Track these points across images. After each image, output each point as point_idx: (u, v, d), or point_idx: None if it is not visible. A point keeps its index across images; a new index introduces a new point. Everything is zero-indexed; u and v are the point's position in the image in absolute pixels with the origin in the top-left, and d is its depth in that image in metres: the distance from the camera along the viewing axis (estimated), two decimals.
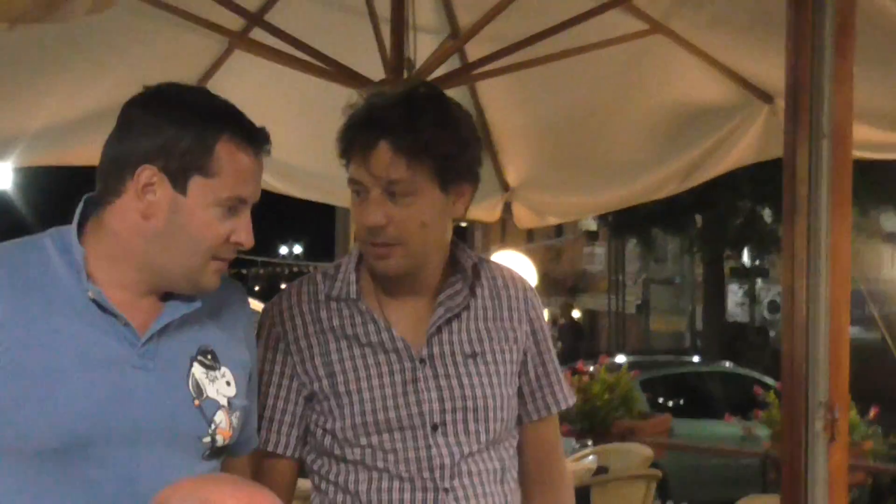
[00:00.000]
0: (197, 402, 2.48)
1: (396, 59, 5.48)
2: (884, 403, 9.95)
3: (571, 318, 37.37)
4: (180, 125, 2.43)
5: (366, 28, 5.58)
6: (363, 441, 2.74)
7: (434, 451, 2.74)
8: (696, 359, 23.38)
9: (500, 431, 2.84)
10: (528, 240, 44.74)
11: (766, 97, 5.79)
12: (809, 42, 3.20)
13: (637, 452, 8.48)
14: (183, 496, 2.04)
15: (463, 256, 2.87)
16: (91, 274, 2.44)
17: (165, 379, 2.45)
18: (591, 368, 9.44)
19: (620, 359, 20.37)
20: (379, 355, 2.76)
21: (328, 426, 2.78)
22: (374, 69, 5.54)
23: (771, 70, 5.47)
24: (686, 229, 27.94)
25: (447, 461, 2.74)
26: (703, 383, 17.81)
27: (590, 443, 9.00)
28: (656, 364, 19.53)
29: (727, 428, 11.82)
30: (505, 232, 34.41)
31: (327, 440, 2.79)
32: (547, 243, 45.23)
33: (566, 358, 16.01)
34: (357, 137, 2.70)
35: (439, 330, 2.80)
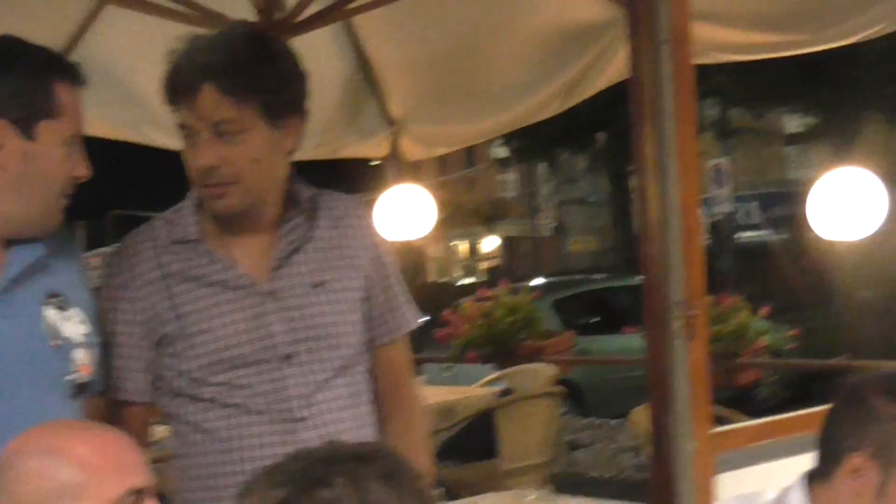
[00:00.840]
0: (54, 343, 2.53)
1: (266, 1, 5.49)
2: (786, 302, 10.15)
3: None
4: (14, 76, 2.48)
5: None
6: (215, 379, 2.78)
7: (287, 381, 2.79)
8: (604, 275, 23.57)
9: (350, 357, 2.90)
10: (441, 172, 44.76)
11: None
12: None
13: (542, 372, 8.59)
14: (33, 446, 2.00)
15: (299, 190, 2.91)
16: None
17: (20, 325, 2.49)
18: (492, 293, 9.47)
19: (539, 281, 20.53)
20: (226, 293, 2.80)
21: (181, 367, 2.80)
22: (246, 13, 5.54)
23: None
24: (590, 147, 28.11)
25: (301, 391, 2.79)
26: (614, 298, 18.00)
27: (497, 367, 9.09)
28: (567, 284, 19.70)
29: (633, 340, 11.98)
30: (419, 166, 34.32)
31: (180, 381, 2.82)
32: (460, 174, 45.25)
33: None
34: (181, 82, 2.72)
35: (282, 263, 2.84)
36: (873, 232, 5.94)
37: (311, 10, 5.65)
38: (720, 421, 6.07)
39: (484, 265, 46.83)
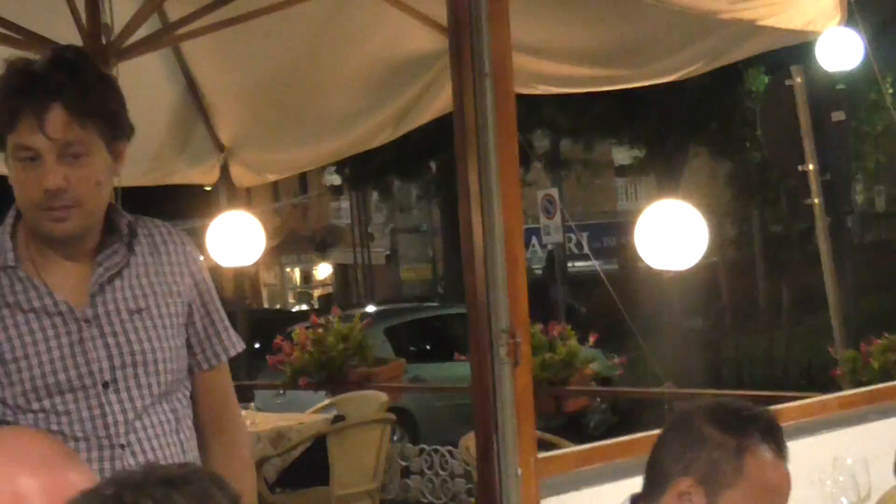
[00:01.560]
0: None
1: (93, 24, 5.42)
2: (615, 331, 10.31)
3: None
4: None
5: None
6: (35, 406, 2.76)
7: (107, 408, 2.78)
8: (436, 304, 23.75)
9: (171, 383, 2.91)
10: (275, 199, 44.54)
11: None
12: None
13: (373, 399, 8.62)
14: None
15: (117, 216, 2.91)
16: None
17: None
18: (332, 317, 9.51)
19: (371, 309, 20.58)
20: (43, 320, 2.78)
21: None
22: (73, 37, 5.47)
23: None
24: (422, 176, 28.25)
25: (120, 417, 2.79)
26: (445, 326, 18.13)
27: (329, 394, 9.11)
28: (399, 311, 19.79)
29: (465, 367, 12.04)
30: (251, 193, 34.14)
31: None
32: (293, 201, 45.14)
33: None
34: (25, 103, 2.69)
35: (101, 289, 2.84)
36: (695, 263, 6.12)
37: (138, 35, 5.60)
38: (548, 447, 6.17)
39: (317, 292, 46.73)
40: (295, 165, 7.97)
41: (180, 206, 26.19)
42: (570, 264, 30.55)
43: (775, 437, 2.48)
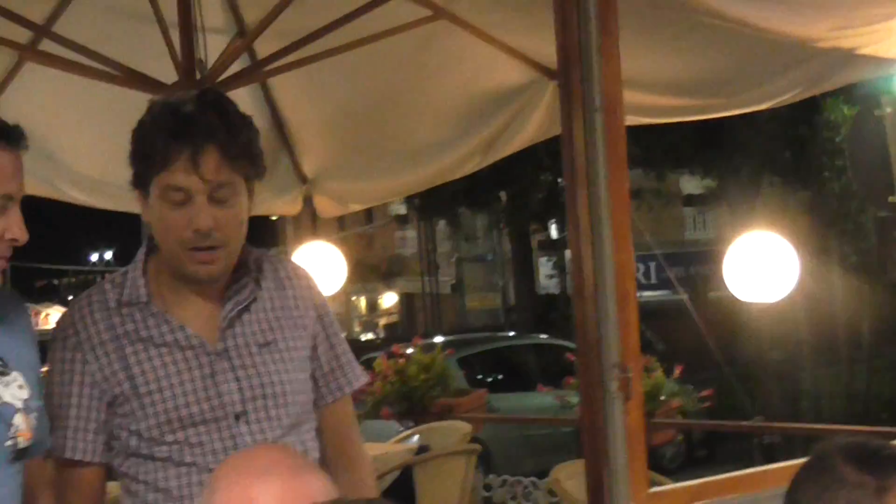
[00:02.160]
0: None
1: (187, 61, 5.50)
2: (692, 361, 10.27)
3: None
4: None
5: (154, 32, 5.59)
6: (169, 438, 2.82)
7: (239, 440, 2.84)
8: (511, 333, 23.67)
9: (299, 415, 2.96)
10: (340, 228, 44.69)
11: (552, 74, 5.94)
12: (575, 20, 3.35)
13: (456, 429, 8.62)
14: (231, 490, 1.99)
15: (245, 252, 2.97)
16: None
17: None
18: (408, 350, 9.53)
19: (438, 339, 20.59)
20: (176, 353, 2.85)
21: (133, 427, 2.84)
22: (167, 73, 5.56)
23: (551, 46, 5.66)
24: (491, 206, 28.27)
25: None
26: (519, 356, 18.08)
27: (411, 424, 9.12)
28: (473, 341, 19.77)
29: (543, 398, 12.02)
30: (316, 223, 34.32)
31: (133, 441, 2.85)
32: (359, 231, 45.25)
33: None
34: (179, 144, 2.73)
35: (231, 323, 2.90)
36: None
37: (231, 70, 5.68)
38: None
39: (383, 321, 46.80)
40: (380, 195, 8.04)
41: (249, 235, 26.36)
42: (638, 294, 30.36)
43: None
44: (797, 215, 20.48)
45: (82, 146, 6.66)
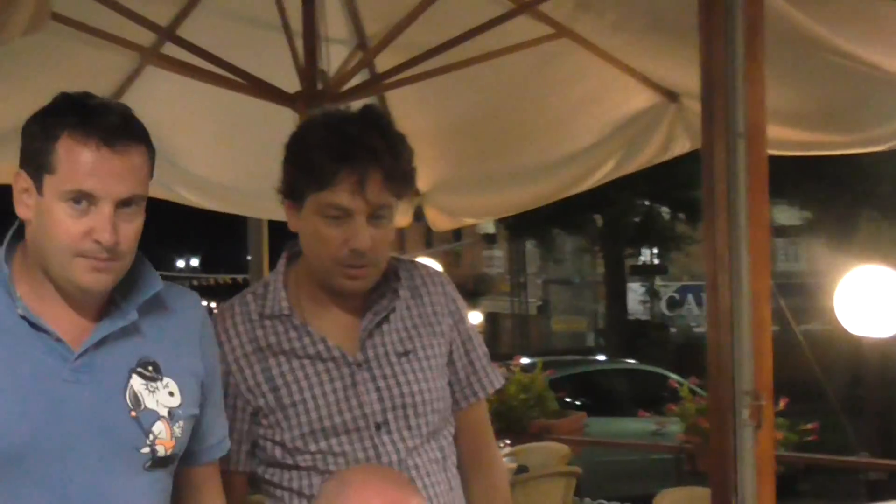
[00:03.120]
0: (134, 413, 2.49)
1: (310, 70, 5.55)
2: (792, 394, 10.13)
3: None
4: (33, 128, 2.47)
5: (278, 40, 5.63)
6: (312, 447, 2.86)
7: (381, 449, 2.87)
8: (601, 357, 23.58)
9: (438, 422, 2.99)
10: (427, 245, 44.80)
11: (672, 96, 5.92)
12: (721, 44, 3.32)
13: (555, 450, 8.60)
14: None
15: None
16: (21, 291, 2.47)
17: (100, 392, 2.47)
18: (505, 370, 9.52)
19: (524, 360, 20.52)
20: (317, 365, 2.89)
21: (277, 438, 2.89)
22: (287, 81, 5.60)
23: (674, 70, 5.63)
24: (585, 229, 28.22)
25: (394, 457, 2.88)
26: (610, 381, 17.99)
27: (507, 441, 9.09)
28: (563, 363, 19.70)
29: (635, 423, 11.97)
30: (404, 239, 34.52)
31: (278, 451, 2.90)
32: (446, 248, 45.32)
33: None
34: (346, 167, 2.76)
35: (371, 334, 2.93)
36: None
37: (353, 82, 5.72)
38: None
39: None
40: (493, 210, 8.08)
41: None
42: None
43: None
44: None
45: (195, 148, 6.73)
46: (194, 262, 70.24)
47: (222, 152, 6.78)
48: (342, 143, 2.78)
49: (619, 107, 6.20)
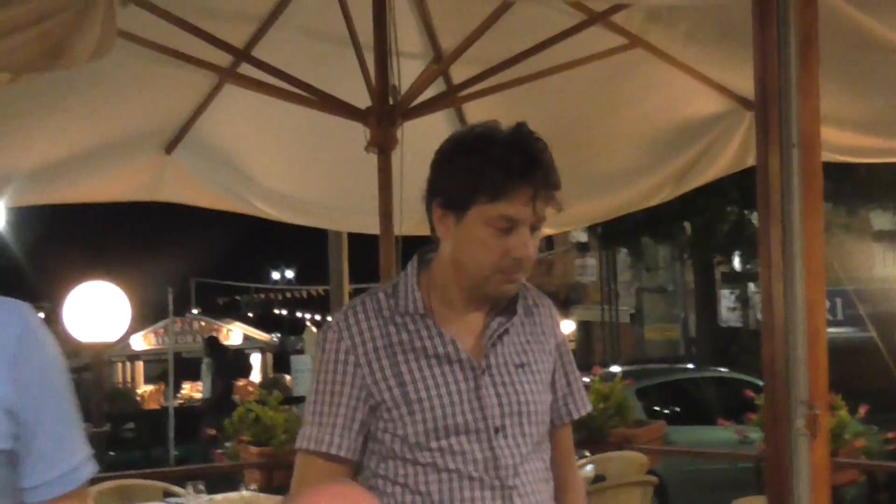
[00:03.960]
0: None
1: (381, 85, 5.62)
2: (877, 401, 10.03)
3: None
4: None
5: (350, 57, 5.72)
6: (433, 444, 2.98)
7: (498, 451, 2.99)
8: (690, 365, 23.42)
9: (545, 434, 3.15)
10: None
11: (749, 105, 5.91)
12: (775, 55, 3.34)
13: (633, 459, 8.58)
14: None
15: None
16: None
17: None
18: (586, 379, 9.51)
19: (615, 369, 20.49)
20: (444, 366, 3.02)
21: (399, 432, 3.01)
22: (359, 97, 5.69)
23: (748, 78, 5.62)
24: (675, 237, 28.09)
25: (510, 461, 3.00)
26: (699, 389, 17.85)
27: (587, 453, 9.09)
28: (651, 372, 19.59)
29: (722, 432, 11.87)
30: None
31: (397, 444, 3.02)
32: (539, 256, 45.20)
33: None
34: (525, 183, 2.93)
35: (494, 343, 3.08)
36: None
37: (425, 95, 5.78)
38: None
39: None
40: (574, 220, 8.11)
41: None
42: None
43: None
44: None
45: (272, 163, 6.86)
46: (289, 274, 70.79)
47: (299, 167, 6.90)
48: (523, 159, 2.95)
49: (695, 116, 6.22)
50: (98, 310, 7.10)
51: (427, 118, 5.96)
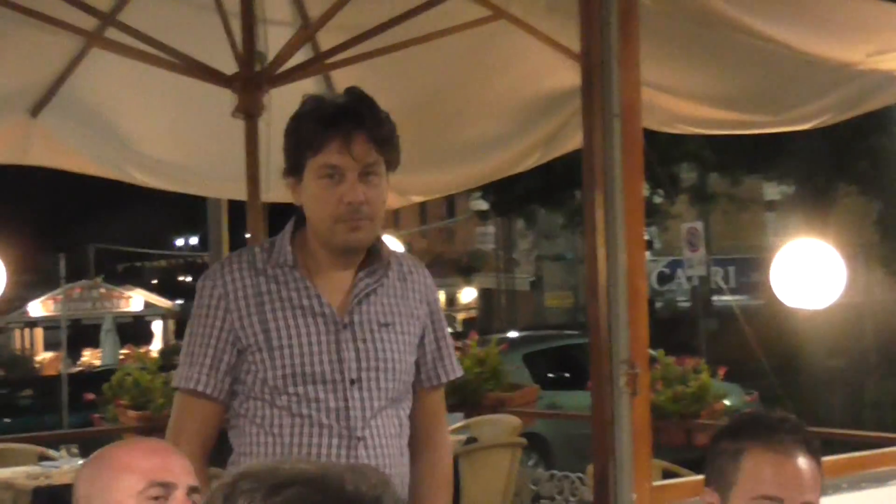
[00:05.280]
0: None
1: (248, 52, 5.67)
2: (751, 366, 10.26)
3: None
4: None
5: (219, 23, 5.76)
6: (291, 390, 3.17)
7: (351, 403, 3.18)
8: (576, 332, 23.68)
9: (402, 391, 3.30)
10: (422, 222, 44.86)
11: None
12: (598, 29, 3.47)
13: (506, 422, 8.70)
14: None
15: (379, 244, 3.32)
16: None
17: None
18: (461, 344, 9.61)
19: (512, 335, 20.69)
20: (308, 317, 3.20)
21: (260, 375, 3.19)
22: (227, 63, 5.73)
23: None
24: (565, 205, 28.31)
25: (360, 413, 3.18)
26: (584, 355, 18.06)
27: (461, 416, 9.20)
28: (541, 339, 19.83)
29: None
30: (399, 215, 34.64)
31: (258, 386, 3.20)
32: (440, 225, 45.36)
33: None
34: (336, 129, 3.12)
35: (360, 302, 3.25)
36: (833, 302, 6.15)
37: (293, 62, 5.83)
38: (672, 477, 6.22)
39: (461, 316, 46.88)
40: (440, 188, 8.21)
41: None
42: (716, 298, 30.42)
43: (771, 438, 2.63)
44: (872, 225, 20.36)
45: (146, 129, 6.87)
46: (193, 240, 70.27)
47: (170, 133, 6.92)
48: (332, 112, 3.14)
49: (559, 85, 6.31)
50: None
51: (295, 85, 6.01)
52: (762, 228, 34.03)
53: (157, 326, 44.72)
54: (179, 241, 69.28)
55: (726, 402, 8.64)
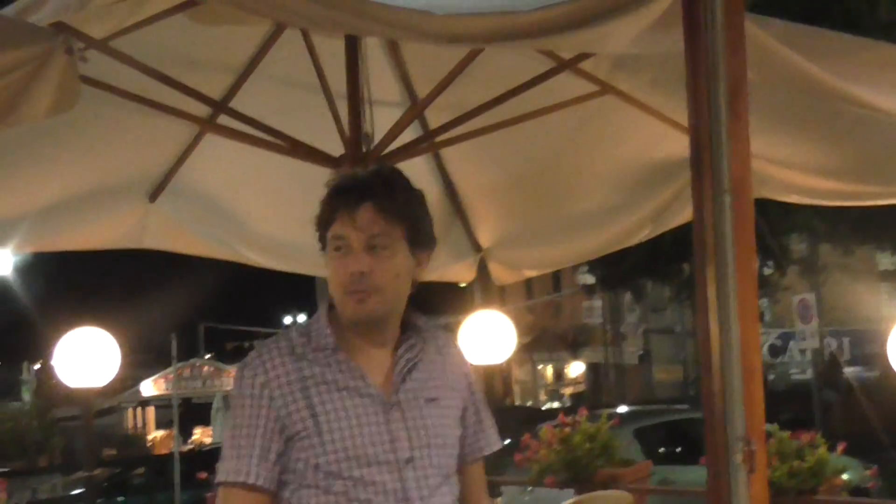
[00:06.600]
0: None
1: (354, 133, 5.74)
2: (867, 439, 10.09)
3: None
4: None
5: (325, 104, 5.85)
6: (346, 474, 3.13)
7: (407, 483, 3.16)
8: (685, 406, 23.44)
9: (453, 467, 3.31)
10: (528, 297, 44.85)
11: None
12: (706, 105, 3.47)
13: (619, 499, 8.63)
14: None
15: (415, 316, 3.35)
16: None
17: None
18: (570, 420, 9.56)
19: (622, 409, 20.54)
20: (355, 398, 3.19)
21: (312, 461, 3.16)
22: (334, 145, 5.80)
23: None
24: (673, 278, 28.15)
25: (417, 493, 3.17)
26: (695, 429, 17.88)
27: (573, 492, 9.13)
28: (651, 413, 19.68)
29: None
30: (505, 290, 34.68)
31: (311, 473, 3.16)
32: (546, 299, 45.32)
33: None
34: (343, 200, 3.16)
35: (403, 378, 3.25)
36: None
37: (399, 142, 5.89)
38: None
39: (568, 390, 46.71)
40: (552, 262, 8.21)
41: (435, 301, 26.62)
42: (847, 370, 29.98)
43: None
44: None
45: (258, 211, 6.98)
46: (301, 318, 70.73)
47: (281, 213, 7.01)
48: (344, 185, 3.19)
49: (668, 157, 6.30)
50: (86, 356, 7.18)
51: (408, 163, 6.06)
52: (876, 299, 33.54)
53: None
54: (287, 319, 69.89)
55: (845, 477, 8.48)
